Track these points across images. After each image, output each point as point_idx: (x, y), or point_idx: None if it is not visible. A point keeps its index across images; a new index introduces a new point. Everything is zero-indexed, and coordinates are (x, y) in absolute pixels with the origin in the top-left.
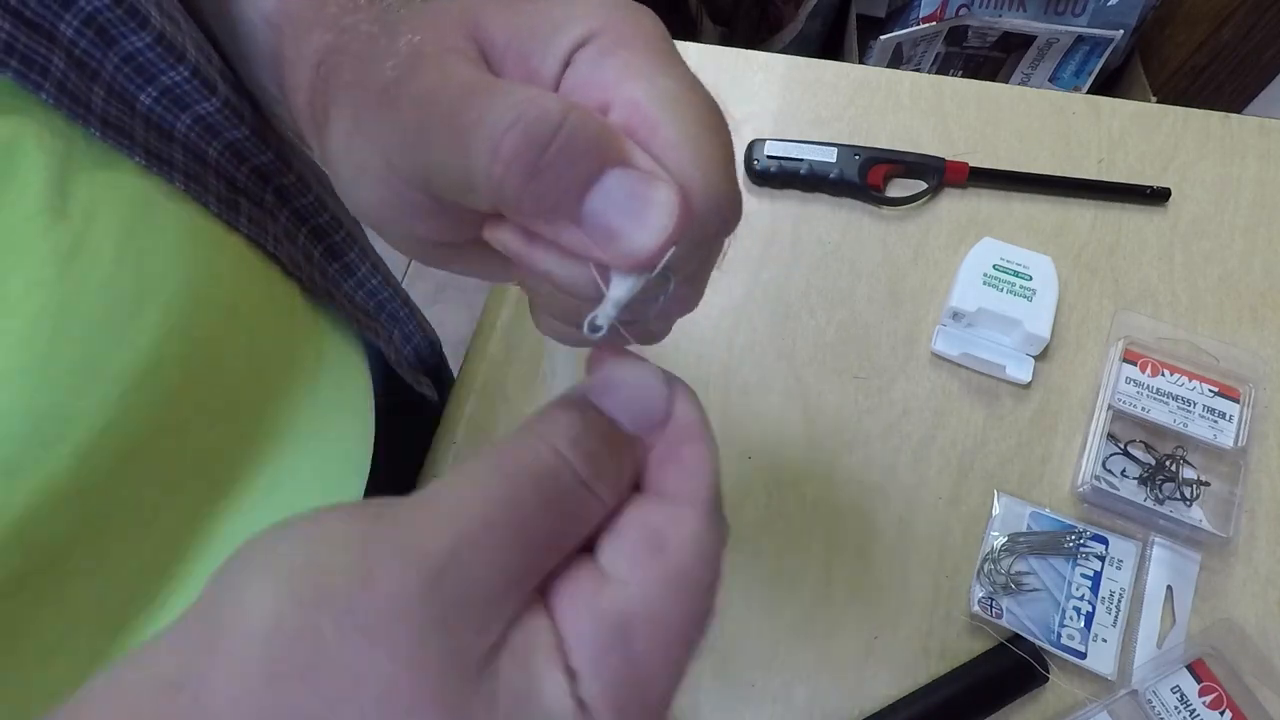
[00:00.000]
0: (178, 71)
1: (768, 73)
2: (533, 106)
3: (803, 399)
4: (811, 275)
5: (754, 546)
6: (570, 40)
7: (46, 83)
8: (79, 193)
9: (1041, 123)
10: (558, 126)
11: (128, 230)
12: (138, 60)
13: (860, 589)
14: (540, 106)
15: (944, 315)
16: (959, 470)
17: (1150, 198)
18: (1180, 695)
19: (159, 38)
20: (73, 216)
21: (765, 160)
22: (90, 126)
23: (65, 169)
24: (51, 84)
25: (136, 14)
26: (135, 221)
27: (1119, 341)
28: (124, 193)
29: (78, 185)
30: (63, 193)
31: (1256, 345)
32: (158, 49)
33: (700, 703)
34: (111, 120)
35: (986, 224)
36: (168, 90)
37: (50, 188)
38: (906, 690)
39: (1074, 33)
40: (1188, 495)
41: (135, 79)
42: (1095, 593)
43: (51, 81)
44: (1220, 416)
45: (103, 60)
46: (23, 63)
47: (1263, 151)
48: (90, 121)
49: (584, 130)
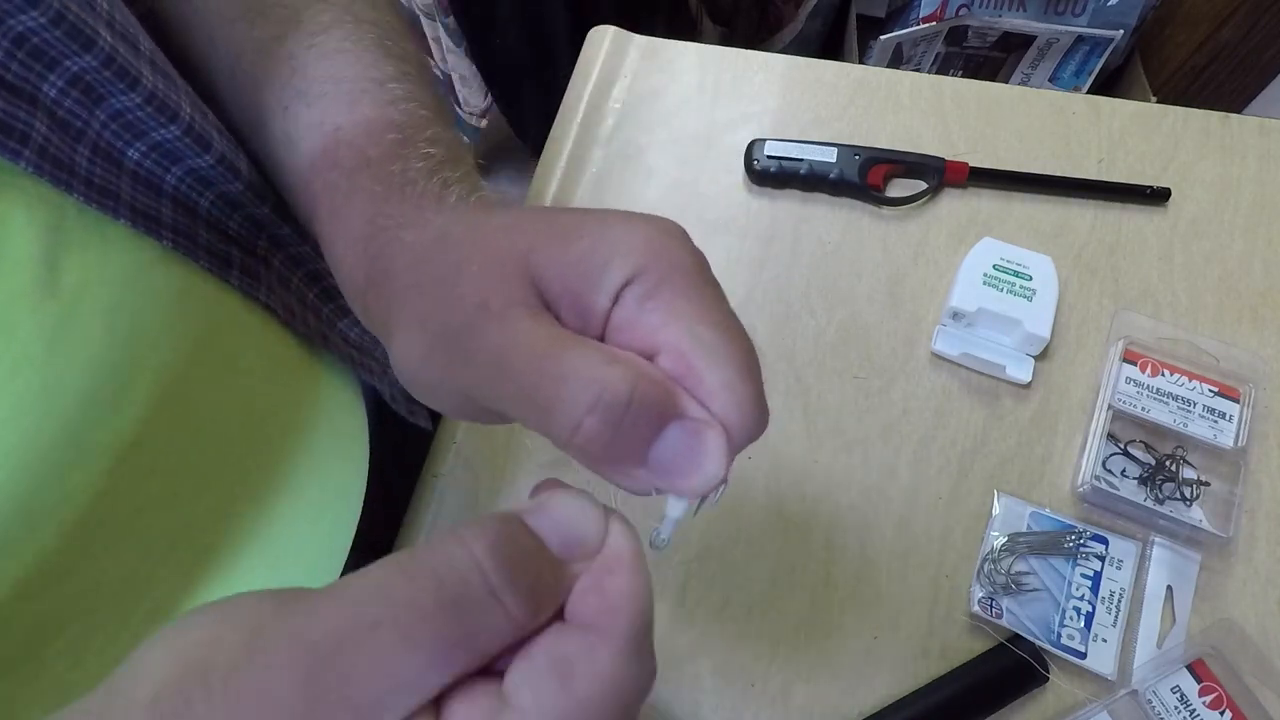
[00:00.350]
0: (169, 130)
1: (768, 73)
2: (608, 390)
3: (803, 399)
4: (811, 275)
5: (754, 546)
6: (618, 280)
7: (26, 149)
8: (69, 266)
9: (1041, 123)
10: (629, 404)
11: (118, 301)
12: (126, 118)
13: (860, 589)
14: (614, 390)
15: (944, 315)
16: (959, 470)
17: (1150, 198)
18: (1180, 695)
19: (149, 98)
20: (62, 292)
21: (765, 160)
22: (74, 191)
23: (55, 242)
24: (32, 150)
25: (126, 75)
26: (126, 291)
27: (1119, 341)
28: (114, 262)
29: (69, 258)
30: (52, 267)
31: (1256, 345)
32: (148, 109)
33: (700, 703)
34: (96, 181)
35: (986, 224)
36: (158, 145)
37: (40, 263)
38: (906, 690)
39: (1074, 33)
40: (1188, 495)
41: (123, 135)
42: (1095, 593)
43: (32, 148)
44: (1220, 416)
45: (89, 119)
46: (1, 131)
47: (1263, 151)
48: (74, 186)
49: (649, 399)
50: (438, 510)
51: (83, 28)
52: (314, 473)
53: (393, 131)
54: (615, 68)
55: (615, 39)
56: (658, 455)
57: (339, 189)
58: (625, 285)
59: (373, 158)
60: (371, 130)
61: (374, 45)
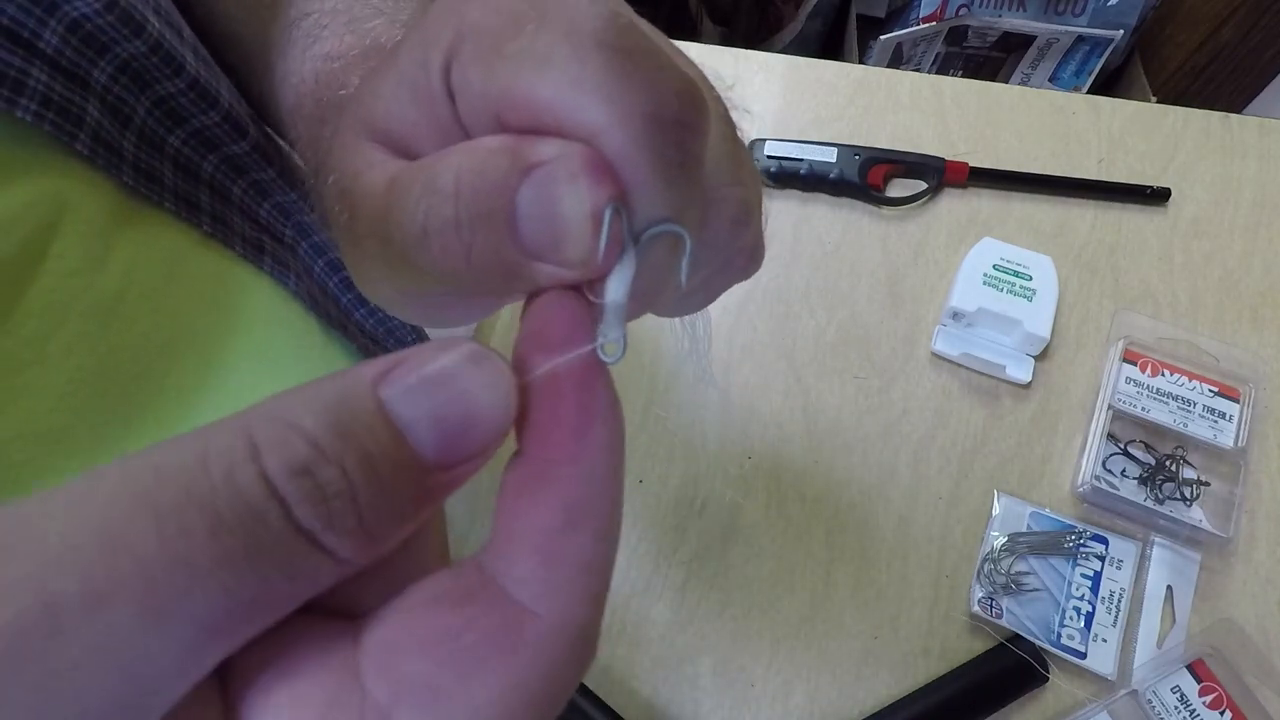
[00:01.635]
0: (209, 116)
1: (768, 73)
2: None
3: (803, 399)
4: (811, 275)
5: (754, 546)
6: (439, 71)
7: (81, 133)
8: (120, 246)
9: (1041, 123)
10: (454, 195)
11: (164, 282)
12: (169, 104)
13: (860, 589)
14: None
15: (944, 315)
16: (959, 470)
17: (1150, 198)
18: (1180, 695)
19: (193, 83)
20: (113, 270)
21: (765, 160)
22: (124, 175)
23: (108, 223)
24: (86, 134)
25: (172, 60)
26: (170, 273)
27: (1119, 341)
28: (159, 245)
29: (119, 239)
30: (106, 245)
31: (1256, 345)
32: (190, 94)
33: (700, 702)
34: (143, 167)
35: (986, 224)
36: (197, 132)
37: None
38: (906, 690)
39: (1074, 33)
40: (1188, 495)
41: (165, 121)
42: (1095, 593)
43: (86, 131)
44: (1220, 416)
45: (135, 105)
46: (60, 114)
47: (1263, 151)
48: (123, 170)
49: (476, 180)
50: None
51: (133, 13)
52: None
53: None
54: None
55: None
56: (523, 232)
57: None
58: (448, 73)
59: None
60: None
61: None
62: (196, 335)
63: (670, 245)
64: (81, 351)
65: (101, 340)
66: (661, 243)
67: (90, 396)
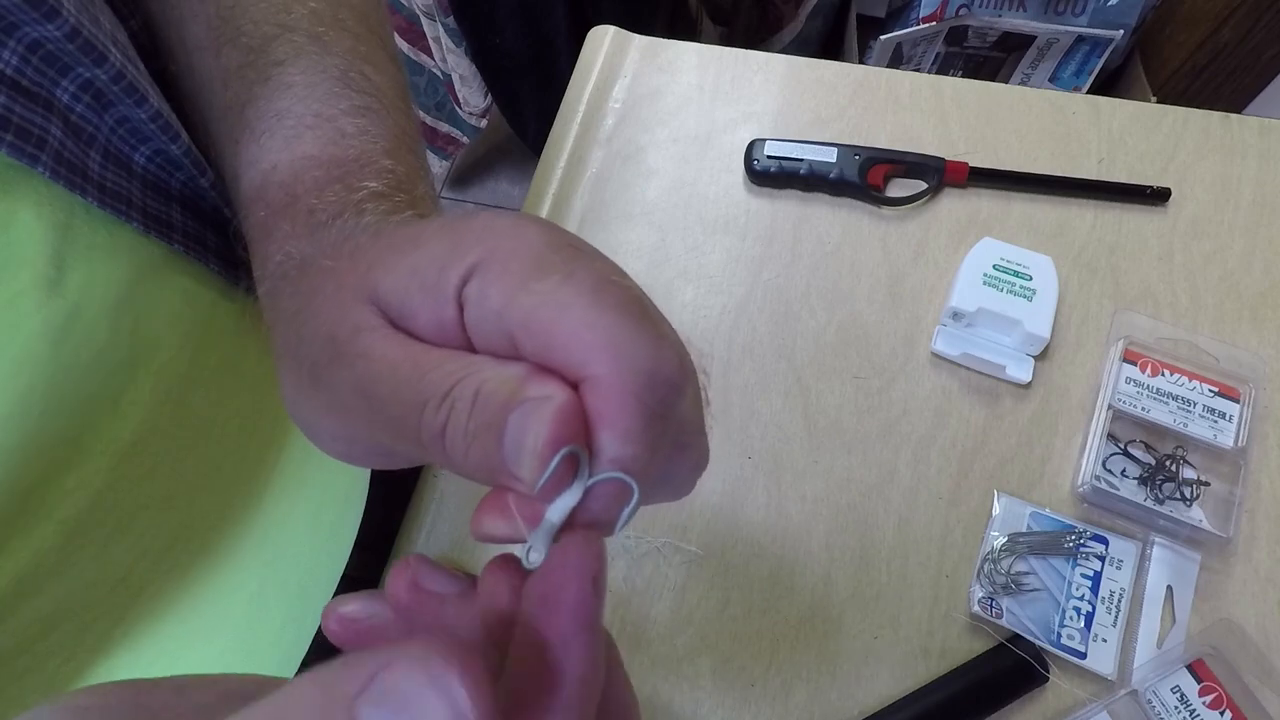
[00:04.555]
0: (175, 146)
1: (768, 73)
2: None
3: (803, 399)
4: (811, 275)
5: (754, 546)
6: (454, 280)
7: (43, 154)
8: (76, 265)
9: (1041, 123)
10: (469, 407)
11: (124, 300)
12: (132, 123)
13: (860, 589)
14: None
15: (944, 315)
16: (959, 470)
17: (1150, 198)
18: (1180, 695)
19: (155, 115)
20: (68, 290)
21: (765, 160)
22: (88, 195)
23: (64, 241)
24: (49, 155)
25: (135, 91)
26: (132, 290)
27: (1119, 341)
28: (121, 261)
29: (75, 257)
30: (59, 266)
31: (1256, 345)
32: (153, 126)
33: (700, 702)
34: (109, 186)
35: (986, 224)
36: (161, 152)
37: (47, 262)
38: (906, 690)
39: (1074, 33)
40: (1188, 495)
41: (130, 139)
42: (1095, 593)
43: (49, 153)
44: (1220, 416)
45: (99, 124)
46: (19, 135)
47: (1263, 151)
48: (88, 191)
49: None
50: (438, 510)
51: (95, 44)
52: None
53: (329, 168)
54: (615, 67)
55: (615, 39)
56: (505, 446)
57: (263, 227)
58: (464, 284)
59: (299, 195)
60: (304, 169)
61: (335, 78)
62: (157, 354)
63: (619, 491)
64: (30, 373)
65: (51, 362)
66: (613, 486)
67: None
